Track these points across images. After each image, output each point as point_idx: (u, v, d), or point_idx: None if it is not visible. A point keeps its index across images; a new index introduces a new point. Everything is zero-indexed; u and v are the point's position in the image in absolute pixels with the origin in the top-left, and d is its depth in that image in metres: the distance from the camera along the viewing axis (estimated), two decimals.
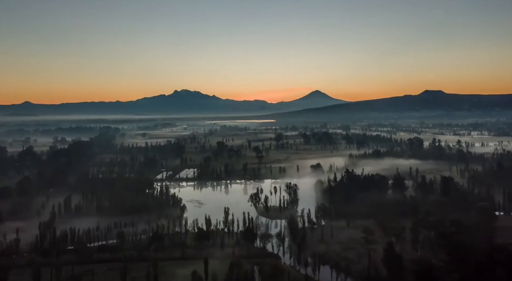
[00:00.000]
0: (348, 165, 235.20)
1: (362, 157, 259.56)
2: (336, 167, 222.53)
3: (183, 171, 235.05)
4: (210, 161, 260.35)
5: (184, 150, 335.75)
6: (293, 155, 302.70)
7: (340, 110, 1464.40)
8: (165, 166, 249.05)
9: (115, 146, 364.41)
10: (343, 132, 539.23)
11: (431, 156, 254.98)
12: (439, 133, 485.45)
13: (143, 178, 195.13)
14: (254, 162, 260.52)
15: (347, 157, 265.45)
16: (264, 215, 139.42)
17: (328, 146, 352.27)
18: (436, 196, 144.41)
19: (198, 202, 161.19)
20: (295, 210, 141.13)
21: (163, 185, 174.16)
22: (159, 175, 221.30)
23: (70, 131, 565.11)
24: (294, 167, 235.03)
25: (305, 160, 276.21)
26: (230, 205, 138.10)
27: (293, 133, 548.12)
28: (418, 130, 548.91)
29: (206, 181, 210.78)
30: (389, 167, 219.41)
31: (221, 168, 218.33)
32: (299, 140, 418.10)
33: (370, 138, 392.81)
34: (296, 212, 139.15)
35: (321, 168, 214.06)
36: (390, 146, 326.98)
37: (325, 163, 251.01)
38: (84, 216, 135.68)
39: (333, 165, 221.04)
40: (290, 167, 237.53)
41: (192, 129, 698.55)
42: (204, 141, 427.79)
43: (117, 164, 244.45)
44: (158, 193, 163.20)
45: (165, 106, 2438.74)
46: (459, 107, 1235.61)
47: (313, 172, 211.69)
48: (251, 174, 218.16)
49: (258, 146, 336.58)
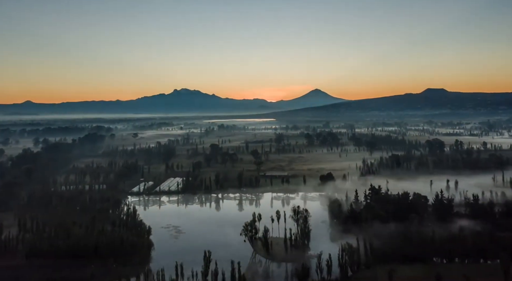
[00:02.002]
0: (364, 174, 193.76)
1: (379, 164, 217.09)
2: (351, 177, 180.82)
3: (167, 181, 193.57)
4: (200, 168, 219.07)
5: (173, 154, 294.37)
6: (297, 160, 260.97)
7: (341, 109, 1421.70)
8: (147, 174, 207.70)
9: (98, 149, 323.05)
10: (348, 132, 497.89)
11: (463, 162, 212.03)
12: (454, 134, 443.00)
13: (112, 193, 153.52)
14: (251, 168, 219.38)
15: (360, 162, 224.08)
16: (262, 254, 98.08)
17: (334, 148, 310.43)
18: None
19: (176, 230, 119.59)
20: (306, 248, 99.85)
21: (132, 206, 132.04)
22: (136, 186, 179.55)
23: (58, 132, 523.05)
24: (300, 177, 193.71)
25: (310, 165, 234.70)
26: (217, 236, 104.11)
27: (295, 132, 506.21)
28: (429, 130, 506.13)
29: (193, 194, 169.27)
30: (418, 179, 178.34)
31: (211, 178, 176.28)
32: (301, 141, 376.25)
33: (380, 139, 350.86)
34: (308, 250, 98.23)
35: (333, 179, 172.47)
36: (406, 149, 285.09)
37: (336, 171, 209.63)
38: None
39: (347, 176, 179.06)
40: (295, 177, 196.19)
41: (189, 129, 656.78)
42: (198, 142, 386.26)
43: (91, 172, 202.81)
44: (123, 217, 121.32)
45: (165, 105, 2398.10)
46: (462, 105, 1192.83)
47: (323, 185, 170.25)
48: (247, 185, 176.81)
49: (257, 148, 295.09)
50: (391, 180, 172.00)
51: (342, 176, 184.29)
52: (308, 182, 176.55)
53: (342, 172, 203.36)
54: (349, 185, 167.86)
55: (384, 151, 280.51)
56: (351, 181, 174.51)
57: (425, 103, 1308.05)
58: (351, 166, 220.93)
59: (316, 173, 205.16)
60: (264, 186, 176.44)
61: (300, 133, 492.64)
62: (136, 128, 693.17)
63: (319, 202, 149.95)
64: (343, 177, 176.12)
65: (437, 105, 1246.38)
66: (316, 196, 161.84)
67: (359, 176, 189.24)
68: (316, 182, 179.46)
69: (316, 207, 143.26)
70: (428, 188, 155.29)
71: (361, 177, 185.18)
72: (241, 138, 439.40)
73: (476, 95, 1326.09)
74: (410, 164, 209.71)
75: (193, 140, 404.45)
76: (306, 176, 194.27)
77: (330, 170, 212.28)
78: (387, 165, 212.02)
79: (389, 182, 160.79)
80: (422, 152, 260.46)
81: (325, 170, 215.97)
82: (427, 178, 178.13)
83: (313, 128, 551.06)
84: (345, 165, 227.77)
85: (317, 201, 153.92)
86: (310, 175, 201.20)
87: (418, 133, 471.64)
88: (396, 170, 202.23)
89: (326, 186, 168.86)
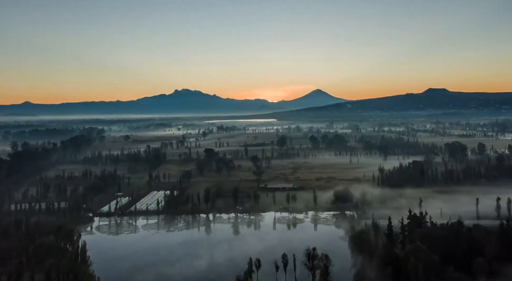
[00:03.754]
0: (384, 185, 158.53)
1: (399, 172, 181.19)
2: (370, 191, 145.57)
3: (149, 196, 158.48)
4: (190, 178, 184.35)
5: (164, 159, 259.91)
6: (302, 166, 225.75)
7: (343, 109, 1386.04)
8: (127, 187, 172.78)
9: (81, 154, 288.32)
10: (354, 133, 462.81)
11: (497, 171, 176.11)
12: (467, 135, 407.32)
13: (71, 217, 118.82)
14: (250, 178, 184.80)
15: (376, 170, 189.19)
16: None
17: (343, 152, 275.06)
18: None
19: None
20: None
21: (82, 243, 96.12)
22: (110, 203, 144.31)
23: (44, 134, 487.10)
24: (308, 190, 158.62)
25: (318, 173, 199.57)
26: None
27: (298, 134, 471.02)
28: (438, 130, 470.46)
29: (176, 214, 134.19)
30: (455, 194, 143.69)
31: (199, 195, 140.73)
32: (306, 144, 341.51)
33: (391, 142, 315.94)
34: None
35: (351, 196, 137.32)
36: (423, 154, 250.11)
37: (350, 181, 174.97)
38: None
39: (368, 192, 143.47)
40: (302, 189, 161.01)
41: (187, 130, 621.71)
42: (193, 145, 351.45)
43: (58, 185, 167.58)
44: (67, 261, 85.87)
45: (166, 105, 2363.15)
46: (465, 105, 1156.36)
47: (339, 203, 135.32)
48: (245, 201, 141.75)
49: (257, 153, 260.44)
50: (421, 194, 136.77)
51: (358, 188, 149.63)
52: (319, 198, 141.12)
53: (358, 183, 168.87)
54: (370, 201, 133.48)
55: (399, 156, 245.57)
56: (372, 196, 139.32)
57: (427, 103, 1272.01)
58: (366, 174, 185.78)
59: (326, 184, 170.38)
60: (265, 202, 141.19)
61: (303, 134, 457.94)
62: (132, 129, 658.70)
63: (336, 227, 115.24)
64: (362, 193, 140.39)
65: (439, 105, 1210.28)
66: (330, 218, 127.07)
67: (380, 189, 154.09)
68: (328, 197, 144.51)
69: (332, 235, 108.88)
70: (473, 208, 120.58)
71: (382, 190, 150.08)
72: (240, 140, 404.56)
73: (478, 95, 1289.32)
74: (436, 172, 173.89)
75: (189, 142, 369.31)
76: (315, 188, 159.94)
77: (341, 180, 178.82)
78: (408, 173, 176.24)
79: (422, 200, 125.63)
80: (444, 158, 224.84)
81: (336, 180, 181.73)
82: (466, 193, 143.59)
83: (317, 130, 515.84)
84: (358, 174, 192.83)
85: (332, 226, 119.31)
86: (320, 187, 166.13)
87: (428, 134, 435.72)
88: (421, 180, 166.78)
89: (343, 205, 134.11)
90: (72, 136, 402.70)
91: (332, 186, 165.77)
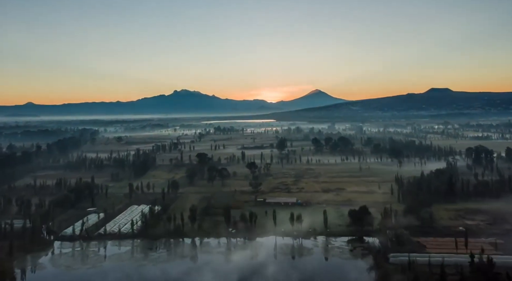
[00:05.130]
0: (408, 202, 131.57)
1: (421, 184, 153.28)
2: (395, 211, 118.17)
3: (126, 212, 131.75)
4: (178, 188, 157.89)
5: (153, 164, 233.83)
6: (306, 174, 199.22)
7: (343, 109, 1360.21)
8: (103, 199, 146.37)
9: (65, 158, 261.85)
10: (358, 134, 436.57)
11: None
12: (483, 137, 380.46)
13: (23, 243, 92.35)
14: (246, 189, 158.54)
15: (395, 182, 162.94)
16: None
17: (349, 156, 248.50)
18: None
19: None
20: None
21: None
22: (80, 222, 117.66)
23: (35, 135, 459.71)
24: (315, 208, 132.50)
25: (325, 184, 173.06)
26: None
27: (298, 136, 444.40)
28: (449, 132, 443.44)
29: (156, 238, 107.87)
30: (504, 212, 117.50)
31: (185, 214, 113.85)
32: (307, 145, 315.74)
33: (401, 145, 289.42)
34: None
35: (370, 217, 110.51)
36: (441, 158, 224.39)
37: (363, 195, 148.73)
38: None
39: (391, 210, 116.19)
40: (308, 208, 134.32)
41: (183, 131, 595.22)
42: (188, 148, 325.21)
43: (21, 198, 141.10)
44: None
45: (165, 106, 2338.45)
46: (469, 105, 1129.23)
47: (356, 226, 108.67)
48: (239, 223, 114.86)
49: (255, 158, 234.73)
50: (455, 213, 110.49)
51: (376, 205, 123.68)
52: (331, 217, 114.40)
53: (373, 197, 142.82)
54: (395, 223, 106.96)
55: (415, 162, 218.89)
56: (396, 216, 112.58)
57: (429, 103, 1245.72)
58: (381, 186, 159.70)
59: (336, 198, 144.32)
60: (264, 223, 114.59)
61: (304, 136, 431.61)
62: (128, 130, 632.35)
63: (353, 258, 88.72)
64: (384, 212, 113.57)
65: (442, 105, 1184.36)
66: (345, 245, 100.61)
67: (402, 205, 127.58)
68: (341, 217, 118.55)
69: (349, 272, 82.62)
70: None
71: (406, 207, 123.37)
72: (237, 143, 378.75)
73: (482, 95, 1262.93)
74: (466, 183, 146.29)
75: (183, 145, 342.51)
76: (324, 203, 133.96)
77: (353, 192, 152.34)
78: (433, 185, 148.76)
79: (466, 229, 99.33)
80: (468, 164, 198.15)
81: (347, 192, 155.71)
82: None
83: (318, 131, 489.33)
84: (372, 184, 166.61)
85: (349, 257, 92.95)
86: (328, 201, 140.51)
87: (439, 136, 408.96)
88: (450, 194, 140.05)
89: (358, 225, 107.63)
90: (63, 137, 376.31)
91: (343, 201, 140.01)
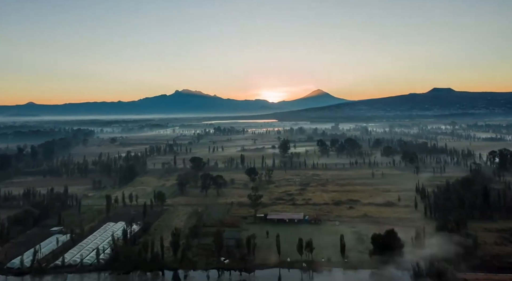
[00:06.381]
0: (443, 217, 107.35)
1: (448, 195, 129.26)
2: (426, 235, 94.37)
3: (99, 232, 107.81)
4: (163, 201, 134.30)
5: (143, 169, 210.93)
6: (312, 181, 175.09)
7: (345, 109, 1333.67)
8: (75, 214, 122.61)
9: (49, 161, 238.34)
10: (364, 135, 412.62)
11: None
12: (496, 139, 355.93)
13: None
14: (244, 202, 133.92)
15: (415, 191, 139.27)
16: None
17: (359, 160, 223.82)
18: None
19: None
20: None
21: None
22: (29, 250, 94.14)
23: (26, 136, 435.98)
24: (327, 226, 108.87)
25: (334, 193, 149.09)
26: None
27: (302, 137, 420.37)
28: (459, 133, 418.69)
29: (128, 271, 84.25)
30: None
31: (162, 240, 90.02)
32: (311, 147, 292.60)
33: (413, 147, 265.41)
34: None
35: (398, 242, 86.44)
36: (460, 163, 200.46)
37: (383, 210, 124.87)
38: None
39: (422, 234, 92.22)
40: (318, 227, 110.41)
41: (182, 131, 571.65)
42: (184, 150, 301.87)
43: None
44: None
45: (166, 106, 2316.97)
46: (473, 105, 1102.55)
47: (382, 255, 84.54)
48: (233, 250, 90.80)
49: (256, 161, 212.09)
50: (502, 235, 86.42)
51: (400, 224, 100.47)
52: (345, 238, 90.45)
53: (394, 211, 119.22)
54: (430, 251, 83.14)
55: (433, 167, 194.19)
56: (430, 247, 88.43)
57: (432, 103, 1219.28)
58: (402, 197, 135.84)
59: (349, 213, 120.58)
60: (264, 250, 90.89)
61: (307, 137, 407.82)
62: (125, 130, 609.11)
63: None
64: (415, 239, 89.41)
65: (445, 105, 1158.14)
66: None
67: (431, 223, 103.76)
68: (360, 241, 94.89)
69: None
70: None
71: (437, 227, 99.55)
72: (237, 144, 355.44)
73: (485, 95, 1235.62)
74: (504, 198, 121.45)
75: (179, 147, 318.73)
76: (336, 219, 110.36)
77: (368, 204, 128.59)
78: (463, 197, 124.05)
79: None
80: (495, 171, 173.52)
81: (361, 204, 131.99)
82: None
83: (322, 131, 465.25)
84: (389, 194, 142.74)
85: None
86: (341, 217, 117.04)
87: (449, 137, 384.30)
88: (485, 208, 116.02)
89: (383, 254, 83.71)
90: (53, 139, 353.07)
91: (359, 217, 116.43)
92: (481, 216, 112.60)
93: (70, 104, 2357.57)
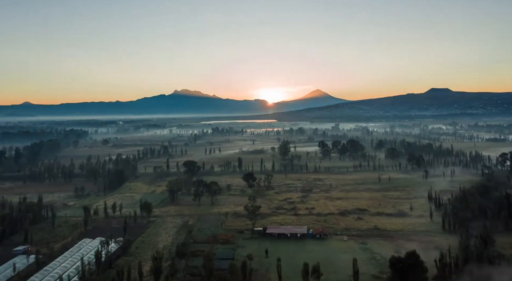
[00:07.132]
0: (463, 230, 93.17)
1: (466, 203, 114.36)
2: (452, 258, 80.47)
3: (72, 251, 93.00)
4: (149, 211, 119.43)
5: (133, 174, 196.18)
6: (314, 187, 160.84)
7: (344, 109, 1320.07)
8: (48, 229, 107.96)
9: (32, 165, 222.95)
10: (365, 136, 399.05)
11: None
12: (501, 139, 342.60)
13: None
14: (241, 212, 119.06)
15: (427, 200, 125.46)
16: None
17: (363, 163, 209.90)
18: None
19: None
20: None
21: None
22: None
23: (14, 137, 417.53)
24: (334, 242, 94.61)
25: (340, 201, 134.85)
26: None
27: (302, 138, 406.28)
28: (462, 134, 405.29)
29: None
30: None
31: (141, 267, 75.91)
32: (312, 148, 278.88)
33: (418, 149, 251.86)
34: None
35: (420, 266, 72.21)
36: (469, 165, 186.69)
37: (395, 221, 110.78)
38: None
39: (447, 255, 78.49)
40: (323, 242, 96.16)
41: (179, 132, 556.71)
42: (179, 151, 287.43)
43: None
44: None
45: (165, 106, 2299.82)
46: (470, 105, 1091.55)
47: None
48: (226, 275, 76.40)
49: (254, 165, 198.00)
50: None
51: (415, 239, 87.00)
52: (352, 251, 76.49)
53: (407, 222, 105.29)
54: None
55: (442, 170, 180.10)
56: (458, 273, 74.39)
57: (430, 103, 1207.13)
58: (414, 206, 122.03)
59: (358, 225, 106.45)
60: (263, 273, 76.74)
61: (308, 137, 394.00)
62: (120, 131, 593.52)
63: None
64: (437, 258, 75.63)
65: (443, 105, 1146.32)
66: None
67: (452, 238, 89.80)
68: (373, 261, 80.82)
69: None
70: None
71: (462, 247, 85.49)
72: (235, 145, 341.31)
73: (482, 95, 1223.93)
74: None
75: (174, 149, 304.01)
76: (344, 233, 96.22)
77: (378, 214, 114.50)
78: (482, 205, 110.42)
79: None
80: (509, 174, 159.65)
81: (370, 214, 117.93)
82: None
83: (322, 132, 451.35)
84: (400, 202, 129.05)
85: None
86: (349, 229, 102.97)
87: (452, 138, 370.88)
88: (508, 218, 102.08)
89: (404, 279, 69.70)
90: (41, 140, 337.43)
91: (369, 230, 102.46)
92: (507, 229, 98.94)
93: (67, 104, 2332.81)
